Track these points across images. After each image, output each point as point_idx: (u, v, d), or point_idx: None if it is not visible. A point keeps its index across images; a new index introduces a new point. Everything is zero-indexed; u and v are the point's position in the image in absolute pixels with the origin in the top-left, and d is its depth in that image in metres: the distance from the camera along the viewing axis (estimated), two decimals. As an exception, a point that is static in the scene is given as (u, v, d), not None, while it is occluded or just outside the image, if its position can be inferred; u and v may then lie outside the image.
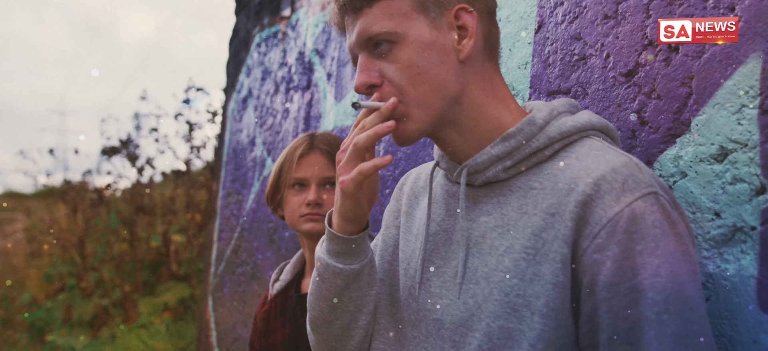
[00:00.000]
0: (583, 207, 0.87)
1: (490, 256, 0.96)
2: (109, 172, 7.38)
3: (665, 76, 1.12)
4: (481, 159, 0.99)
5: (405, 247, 1.14)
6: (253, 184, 3.22)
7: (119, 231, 7.18)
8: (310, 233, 1.58)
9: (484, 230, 0.98)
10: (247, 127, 3.38)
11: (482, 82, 1.00)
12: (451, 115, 0.99)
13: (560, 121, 0.98)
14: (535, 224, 0.92)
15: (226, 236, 3.61)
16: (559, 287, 0.88)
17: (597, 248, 0.86)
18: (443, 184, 1.11)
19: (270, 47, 3.16)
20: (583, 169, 0.91)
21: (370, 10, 0.97)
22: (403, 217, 1.19)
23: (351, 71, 2.31)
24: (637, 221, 0.84)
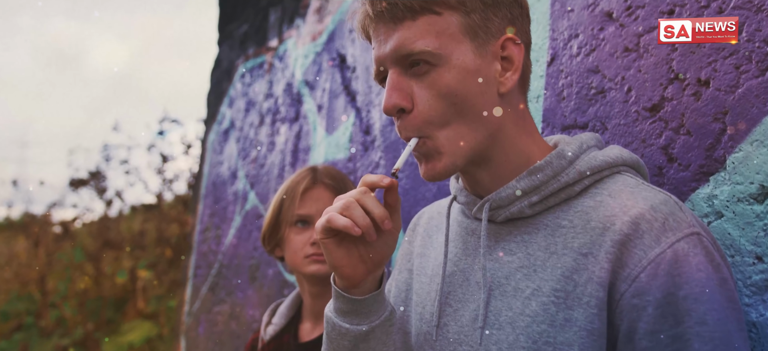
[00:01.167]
0: (621, 247, 0.81)
1: (514, 298, 0.88)
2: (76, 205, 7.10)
3: (695, 111, 1.07)
4: (505, 193, 0.92)
5: (420, 290, 1.05)
6: (233, 218, 3.08)
7: (83, 266, 6.87)
8: (316, 277, 1.46)
9: (508, 271, 0.90)
10: (228, 159, 3.26)
11: (515, 116, 0.93)
12: (485, 150, 0.92)
13: (590, 156, 0.92)
14: (565, 265, 0.85)
15: (203, 273, 3.44)
16: (594, 334, 0.81)
17: (636, 292, 0.79)
18: (460, 220, 1.03)
19: (255, 78, 3.08)
20: (619, 207, 0.84)
21: (413, 23, 0.87)
22: (417, 259, 1.11)
23: (344, 102, 2.24)
24: (680, 264, 0.78)
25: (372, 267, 0.92)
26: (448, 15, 0.88)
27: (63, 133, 17.89)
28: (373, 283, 0.94)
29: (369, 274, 0.92)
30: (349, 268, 0.90)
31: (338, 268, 0.90)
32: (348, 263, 0.90)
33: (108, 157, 7.11)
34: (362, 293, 0.93)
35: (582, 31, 1.32)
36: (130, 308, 6.86)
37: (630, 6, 1.21)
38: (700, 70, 1.07)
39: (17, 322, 7.01)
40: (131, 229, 7.32)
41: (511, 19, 0.90)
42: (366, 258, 0.91)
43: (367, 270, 0.91)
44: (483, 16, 0.88)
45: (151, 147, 6.68)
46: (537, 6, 1.45)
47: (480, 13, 0.88)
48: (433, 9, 0.87)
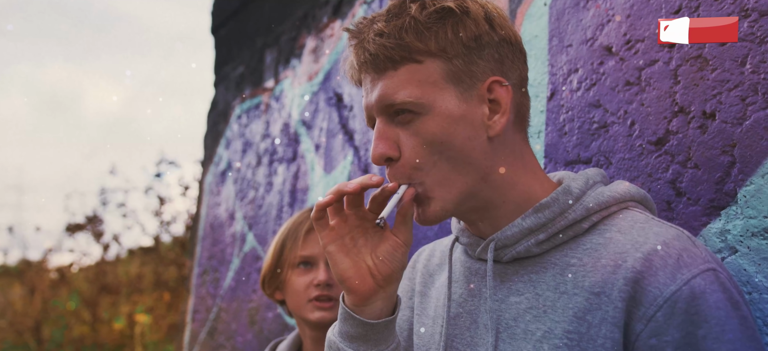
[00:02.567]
0: (634, 285, 0.78)
1: (525, 341, 0.85)
2: (72, 250, 7.02)
3: (702, 144, 1.05)
4: (511, 232, 0.89)
5: (422, 334, 1.02)
6: (231, 261, 3.03)
7: (80, 312, 6.76)
8: (320, 324, 1.41)
9: (516, 313, 0.87)
10: (225, 200, 3.23)
11: (512, 156, 0.91)
12: (478, 194, 0.89)
13: (597, 192, 0.90)
14: (577, 305, 0.82)
15: (201, 317, 3.37)
16: None
17: (653, 332, 0.76)
18: (463, 260, 1.00)
19: (251, 119, 3.07)
20: (630, 243, 0.82)
21: (395, 73, 0.87)
22: (418, 297, 1.07)
23: (342, 141, 2.22)
24: (697, 302, 0.75)
25: (382, 281, 0.89)
26: (429, 63, 0.86)
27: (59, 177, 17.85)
28: (385, 307, 0.91)
29: (379, 289, 0.89)
30: (357, 278, 0.87)
31: (345, 280, 0.88)
32: (356, 274, 0.87)
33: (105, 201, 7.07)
34: (373, 317, 0.90)
35: (581, 65, 1.31)
36: (127, 354, 6.73)
37: (629, 40, 1.20)
38: (705, 102, 1.05)
39: (12, 372, 6.86)
40: (128, 273, 7.23)
41: (498, 59, 0.88)
42: (374, 271, 0.88)
43: (376, 284, 0.88)
44: (466, 60, 0.86)
45: (148, 189, 6.65)
46: (534, 42, 1.44)
47: (463, 58, 0.86)
48: (414, 58, 0.86)
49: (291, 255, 1.44)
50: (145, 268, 6.83)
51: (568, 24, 1.35)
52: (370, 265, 0.88)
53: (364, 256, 0.88)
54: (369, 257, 0.88)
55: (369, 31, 0.89)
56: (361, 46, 0.89)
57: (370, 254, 0.89)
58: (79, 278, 7.40)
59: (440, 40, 0.86)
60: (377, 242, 0.89)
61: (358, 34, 0.90)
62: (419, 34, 0.86)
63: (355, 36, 0.91)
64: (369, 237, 0.90)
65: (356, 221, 0.89)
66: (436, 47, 0.86)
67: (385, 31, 0.87)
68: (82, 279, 7.42)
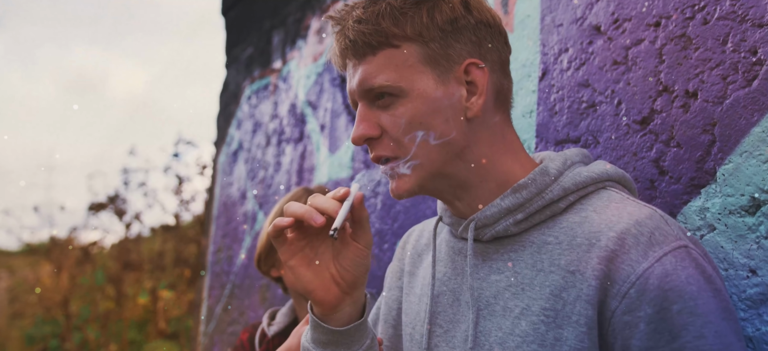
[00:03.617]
0: (608, 263, 0.80)
1: (504, 318, 0.87)
2: (96, 228, 7.22)
3: (684, 123, 1.06)
4: (490, 212, 0.91)
5: (409, 310, 1.05)
6: (244, 239, 3.11)
7: (105, 288, 6.97)
8: None
9: (496, 290, 0.90)
10: (237, 180, 3.29)
11: (491, 138, 0.93)
12: (455, 173, 0.92)
13: (575, 172, 0.92)
14: (553, 283, 0.84)
15: (216, 293, 3.47)
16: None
17: (627, 308, 0.78)
18: (448, 240, 1.03)
19: (261, 99, 3.11)
20: (604, 223, 0.84)
21: (374, 58, 0.90)
22: (406, 277, 1.11)
23: (345, 122, 2.25)
24: (669, 278, 0.77)
25: (347, 288, 0.89)
26: (406, 47, 0.89)
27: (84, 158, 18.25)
28: (353, 311, 0.92)
29: (345, 296, 0.90)
30: (321, 290, 0.88)
31: (311, 293, 0.88)
32: (320, 285, 0.88)
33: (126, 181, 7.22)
34: (342, 323, 0.91)
35: (571, 45, 1.31)
36: (151, 329, 6.93)
37: (617, 19, 1.20)
38: (688, 81, 1.05)
39: (42, 345, 7.13)
40: (151, 250, 7.41)
41: (475, 41, 0.90)
42: (338, 279, 0.88)
43: (341, 292, 0.89)
44: (442, 44, 0.89)
45: (167, 169, 6.77)
46: (527, 21, 1.45)
47: (439, 42, 0.88)
48: (391, 43, 0.89)
49: None
50: (166, 246, 6.99)
51: (559, 3, 1.35)
52: (333, 274, 0.89)
53: (326, 266, 0.88)
54: (332, 266, 0.89)
55: (349, 18, 0.92)
56: (342, 33, 0.92)
57: (333, 262, 0.89)
58: (104, 256, 7.61)
59: (416, 25, 0.88)
60: (338, 249, 0.89)
61: (339, 21, 0.93)
62: (396, 20, 0.88)
63: (337, 23, 0.94)
64: (329, 245, 0.89)
65: (315, 231, 0.88)
66: (412, 31, 0.88)
67: (363, 18, 0.90)
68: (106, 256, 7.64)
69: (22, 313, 7.77)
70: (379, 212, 1.97)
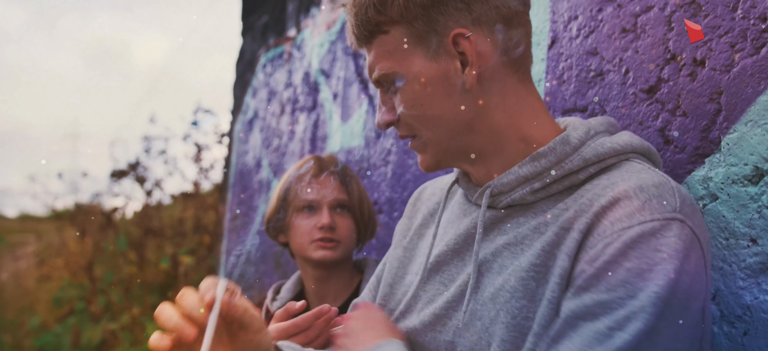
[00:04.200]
0: (594, 219, 0.78)
1: (498, 275, 0.87)
2: (118, 195, 7.38)
3: (691, 92, 1.05)
4: (507, 179, 0.89)
5: (414, 271, 1.04)
6: (259, 207, 3.16)
7: (127, 254, 7.15)
8: (322, 262, 1.50)
9: (495, 248, 0.89)
10: (253, 148, 3.33)
11: (503, 103, 0.90)
12: (469, 145, 0.91)
13: (597, 142, 0.88)
14: (547, 240, 0.83)
15: (234, 260, 3.54)
16: (553, 304, 0.79)
17: (590, 259, 0.76)
18: (461, 202, 1.01)
19: (276, 68, 3.12)
20: (610, 185, 0.81)
21: (371, 47, 0.93)
22: (415, 235, 1.09)
23: (358, 90, 2.26)
24: (641, 240, 0.74)
25: None
26: (394, 30, 0.89)
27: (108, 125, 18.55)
28: None
29: None
30: None
31: None
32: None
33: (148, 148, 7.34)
34: None
35: (581, 12, 1.29)
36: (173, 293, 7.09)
37: (627, -15, 1.18)
38: (696, 49, 1.04)
39: (69, 307, 7.38)
40: (171, 217, 7.56)
41: (463, 8, 0.87)
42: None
43: None
44: (426, 19, 0.87)
45: (186, 137, 6.86)
46: (537, -12, 1.43)
47: (423, 19, 0.87)
48: (381, 29, 0.90)
49: (295, 199, 1.51)
50: (186, 213, 7.13)
51: (570, -31, 1.33)
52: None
53: None
54: None
55: (351, 8, 0.94)
56: (349, 23, 0.95)
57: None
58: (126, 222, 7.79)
59: (398, 6, 0.88)
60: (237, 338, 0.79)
61: (348, 9, 0.95)
62: (380, 5, 0.89)
63: (347, 12, 0.96)
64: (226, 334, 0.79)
65: None
66: (396, 14, 0.88)
67: (353, 9, 0.92)
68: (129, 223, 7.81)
69: (50, 276, 8.03)
70: (389, 181, 1.99)
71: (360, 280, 1.61)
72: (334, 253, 1.49)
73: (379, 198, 2.04)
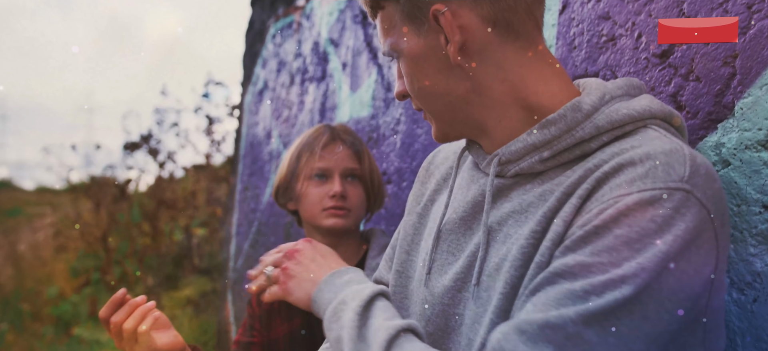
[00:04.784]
0: (596, 184, 0.75)
1: (503, 245, 0.85)
2: (131, 168, 7.45)
3: (705, 56, 1.02)
4: (515, 147, 0.86)
5: (427, 238, 1.03)
6: (269, 178, 3.17)
7: (141, 225, 7.24)
8: (332, 230, 1.50)
9: (501, 216, 0.87)
10: (263, 119, 3.33)
11: (501, 73, 0.86)
12: (468, 117, 0.90)
13: (612, 108, 0.83)
14: (549, 206, 0.80)
15: (244, 231, 3.57)
16: (540, 267, 0.77)
17: (582, 223, 0.73)
18: (470, 169, 1.00)
19: (285, 38, 3.10)
20: (619, 152, 0.78)
21: (378, 22, 0.92)
22: (430, 203, 1.08)
23: (367, 60, 2.24)
24: (636, 208, 0.69)
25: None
26: (389, 6, 0.89)
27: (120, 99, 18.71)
28: None
29: None
30: None
31: None
32: None
33: (160, 121, 7.38)
34: None
35: (593, -25, 1.26)
36: (187, 264, 7.21)
37: (641, -54, 1.15)
38: (712, 10, 1.01)
39: (85, 277, 7.52)
40: (184, 189, 7.64)
41: None
42: None
43: None
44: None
45: (197, 109, 6.88)
46: (549, -49, 1.39)
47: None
48: (380, 4, 0.89)
49: (307, 167, 1.51)
50: (198, 185, 7.19)
51: (583, -69, 1.29)
52: None
53: None
54: None
55: None
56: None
57: None
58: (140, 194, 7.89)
59: None
60: None
61: None
62: None
63: None
64: None
65: None
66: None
67: None
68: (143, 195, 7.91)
69: (66, 246, 8.18)
70: (398, 151, 1.98)
71: (366, 249, 1.61)
72: (345, 221, 1.50)
73: (387, 168, 2.03)
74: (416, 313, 0.99)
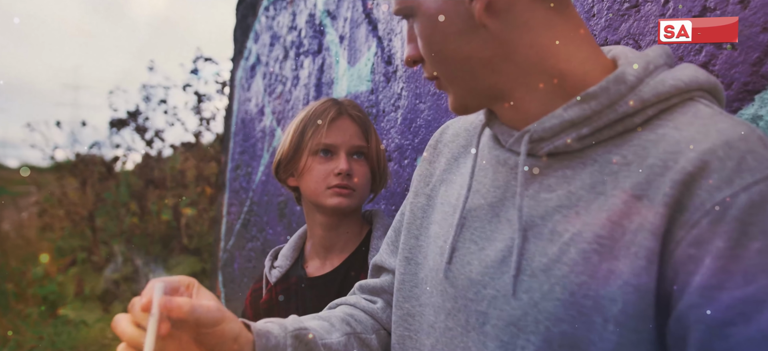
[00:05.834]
0: (682, 188, 0.67)
1: (551, 243, 0.76)
2: (118, 145, 7.31)
3: (742, 21, 0.95)
4: (550, 124, 0.78)
5: (442, 221, 0.94)
6: (262, 156, 3.08)
7: (129, 205, 7.13)
8: (336, 210, 1.43)
9: (545, 211, 0.78)
10: (255, 95, 3.23)
11: (529, 36, 0.78)
12: (493, 85, 0.81)
13: (657, 79, 0.75)
14: (612, 208, 0.72)
15: (236, 210, 3.49)
16: (641, 291, 0.68)
17: (695, 240, 0.65)
18: (491, 146, 0.90)
19: (278, 10, 2.99)
20: (685, 141, 0.70)
21: None
22: (439, 185, 0.99)
23: (366, 32, 2.15)
24: (755, 211, 0.63)
25: None
26: None
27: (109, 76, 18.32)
28: None
29: None
30: None
31: None
32: None
33: (147, 97, 7.23)
34: None
35: (616, -63, 1.18)
36: (175, 244, 7.12)
37: None
38: (750, -27, 0.94)
39: (72, 257, 7.41)
40: (173, 168, 7.52)
41: None
42: None
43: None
44: None
45: (186, 86, 6.74)
46: None
47: None
48: None
49: (312, 141, 1.43)
50: (187, 164, 7.08)
51: None
52: None
53: None
54: None
55: None
56: None
57: None
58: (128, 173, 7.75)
59: None
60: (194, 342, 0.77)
61: None
62: None
63: None
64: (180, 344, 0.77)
65: None
66: None
67: None
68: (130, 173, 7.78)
69: (52, 225, 8.05)
70: (399, 127, 1.91)
71: (369, 230, 1.54)
72: (350, 200, 1.42)
73: (388, 145, 1.95)
74: (431, 305, 0.91)
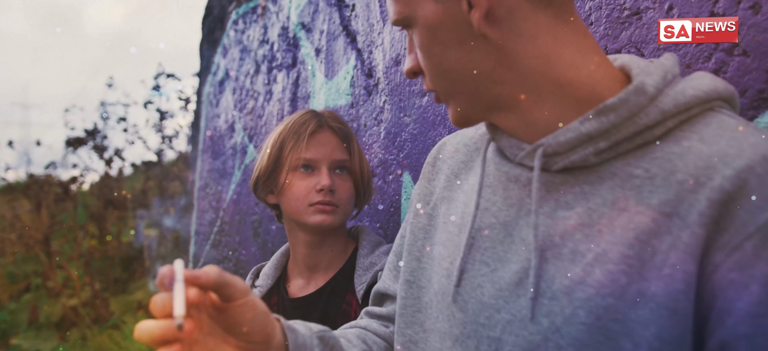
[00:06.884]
0: (721, 208, 0.64)
1: (573, 264, 0.71)
2: (75, 165, 7.02)
3: (753, 27, 0.92)
4: (565, 138, 0.74)
5: (447, 242, 0.88)
6: (233, 173, 2.96)
7: (87, 227, 6.84)
8: (319, 228, 1.34)
9: (564, 230, 0.74)
10: (224, 111, 3.11)
11: (533, 45, 0.74)
12: (494, 96, 0.76)
13: (677, 90, 0.73)
14: (640, 226, 0.68)
15: (204, 230, 3.35)
16: (678, 315, 0.65)
17: (737, 264, 0.63)
18: (498, 162, 0.85)
19: (248, 24, 2.90)
20: (718, 156, 0.67)
21: None
22: (441, 203, 0.94)
23: (343, 44, 2.08)
24: None
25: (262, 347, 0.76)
26: None
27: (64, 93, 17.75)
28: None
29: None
30: None
31: None
32: None
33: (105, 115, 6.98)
34: None
35: (614, -57, 1.15)
36: (137, 267, 6.86)
37: None
38: (760, -22, 0.91)
39: (25, 283, 7.03)
40: (133, 188, 7.26)
41: None
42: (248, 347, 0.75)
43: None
44: None
45: (147, 103, 6.53)
46: None
47: None
48: None
49: (292, 156, 1.34)
50: (149, 183, 6.84)
51: None
52: (241, 346, 0.75)
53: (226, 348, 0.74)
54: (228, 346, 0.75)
55: None
56: None
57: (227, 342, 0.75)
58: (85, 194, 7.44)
59: None
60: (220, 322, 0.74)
61: None
62: None
63: None
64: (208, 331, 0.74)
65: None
66: None
67: None
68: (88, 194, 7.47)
69: (3, 250, 7.63)
70: (382, 141, 1.84)
71: (355, 248, 1.46)
72: (333, 218, 1.34)
73: (371, 160, 1.88)
74: (436, 331, 0.85)
